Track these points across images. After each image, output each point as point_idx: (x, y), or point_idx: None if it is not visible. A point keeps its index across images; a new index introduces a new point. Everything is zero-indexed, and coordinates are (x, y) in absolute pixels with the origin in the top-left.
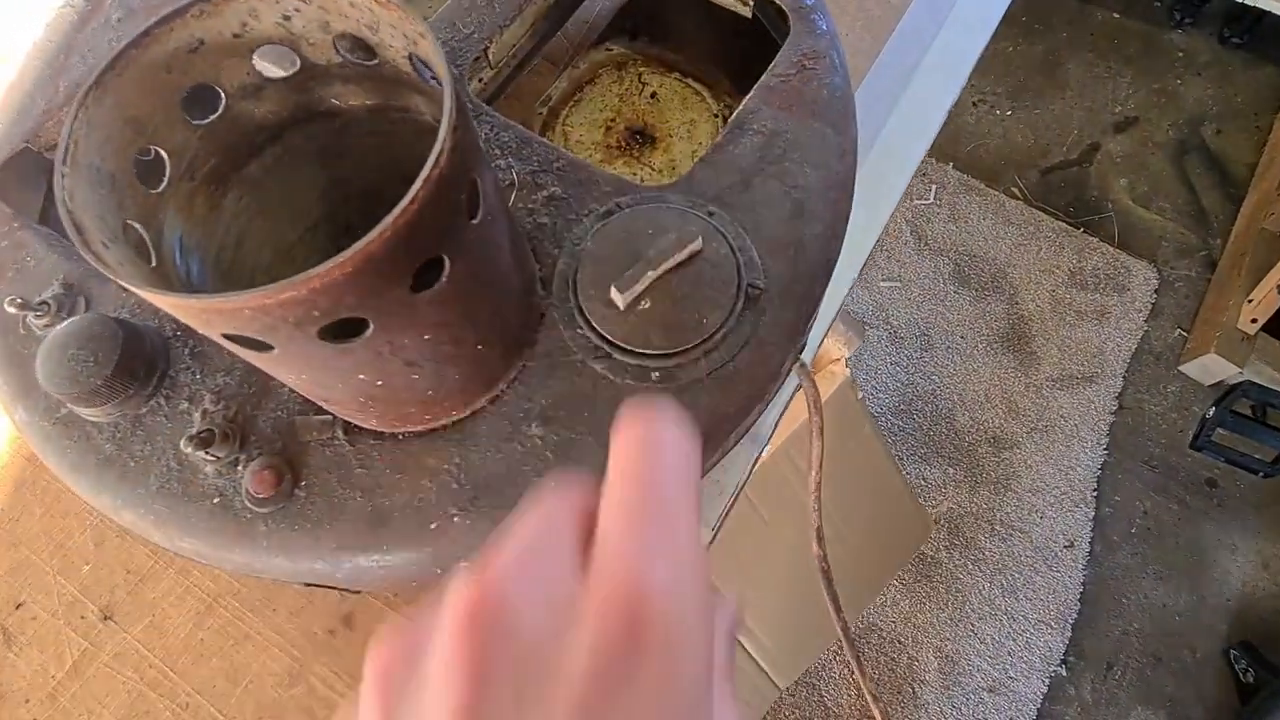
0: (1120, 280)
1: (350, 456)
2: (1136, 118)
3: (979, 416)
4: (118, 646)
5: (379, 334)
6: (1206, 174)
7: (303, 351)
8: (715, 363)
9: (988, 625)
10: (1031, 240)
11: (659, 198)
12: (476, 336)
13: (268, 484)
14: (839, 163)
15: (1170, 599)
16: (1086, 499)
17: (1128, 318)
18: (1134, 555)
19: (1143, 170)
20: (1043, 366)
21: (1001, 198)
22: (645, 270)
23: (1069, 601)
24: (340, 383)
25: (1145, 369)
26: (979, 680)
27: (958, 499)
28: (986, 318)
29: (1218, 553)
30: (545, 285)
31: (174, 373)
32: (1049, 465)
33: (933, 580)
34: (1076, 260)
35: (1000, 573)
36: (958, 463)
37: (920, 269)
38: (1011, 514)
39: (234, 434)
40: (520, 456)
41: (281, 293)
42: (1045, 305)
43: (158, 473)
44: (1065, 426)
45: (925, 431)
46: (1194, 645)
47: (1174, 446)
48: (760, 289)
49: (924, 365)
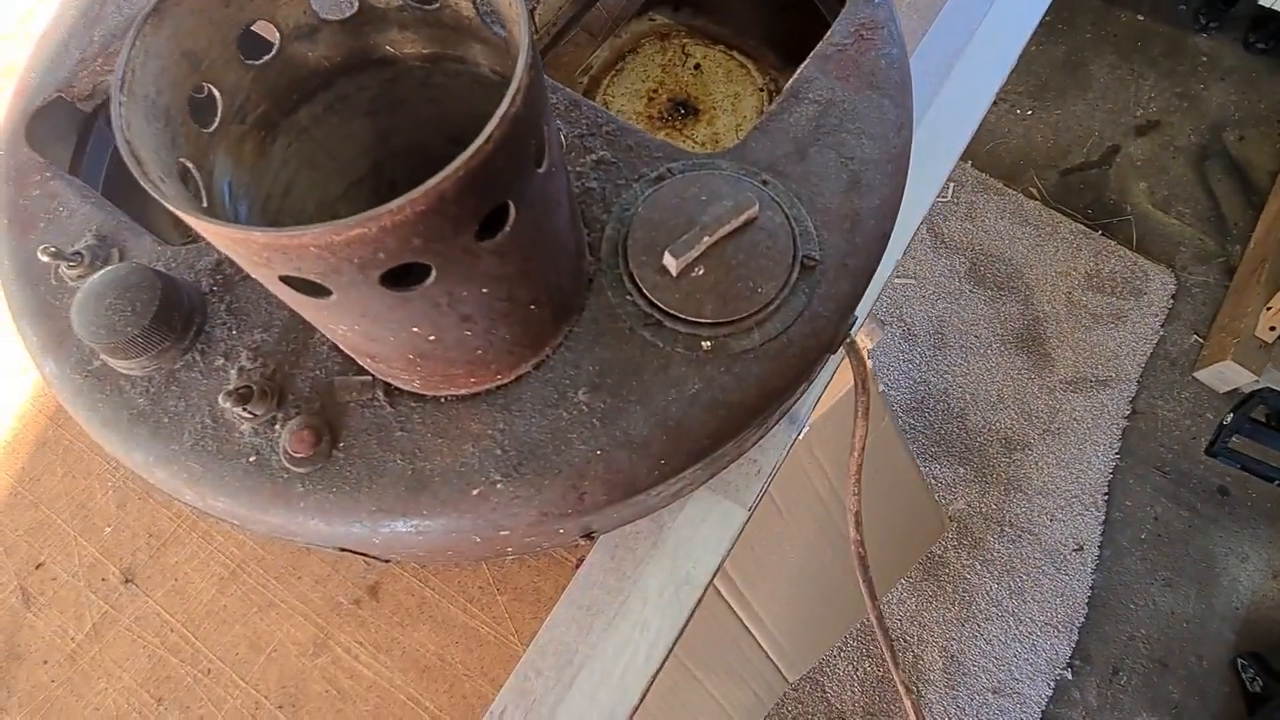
0: (1137, 284)
1: (391, 419)
2: (1158, 121)
3: (991, 417)
4: (139, 610)
5: (440, 283)
6: (1227, 180)
7: (361, 298)
8: (768, 334)
9: (994, 626)
10: (1049, 241)
11: (711, 165)
12: (531, 294)
13: (306, 443)
14: (896, 136)
15: (1179, 606)
16: (1097, 503)
17: (1144, 322)
18: (1143, 561)
19: (1163, 174)
20: (1057, 369)
21: (1020, 198)
22: (701, 236)
23: (1076, 605)
24: (393, 336)
25: (1160, 374)
26: (984, 681)
27: (968, 499)
28: (1001, 318)
29: (1227, 561)
30: (593, 251)
31: (210, 328)
32: (1060, 468)
33: (940, 579)
34: (1094, 263)
35: (1008, 574)
36: (968, 462)
37: (936, 266)
38: (1021, 515)
39: (271, 392)
40: (566, 423)
41: (350, 229)
42: (1061, 307)
43: (192, 429)
44: (1078, 429)
45: (936, 430)
46: (1201, 653)
47: (1186, 453)
48: (816, 260)
49: (937, 364)
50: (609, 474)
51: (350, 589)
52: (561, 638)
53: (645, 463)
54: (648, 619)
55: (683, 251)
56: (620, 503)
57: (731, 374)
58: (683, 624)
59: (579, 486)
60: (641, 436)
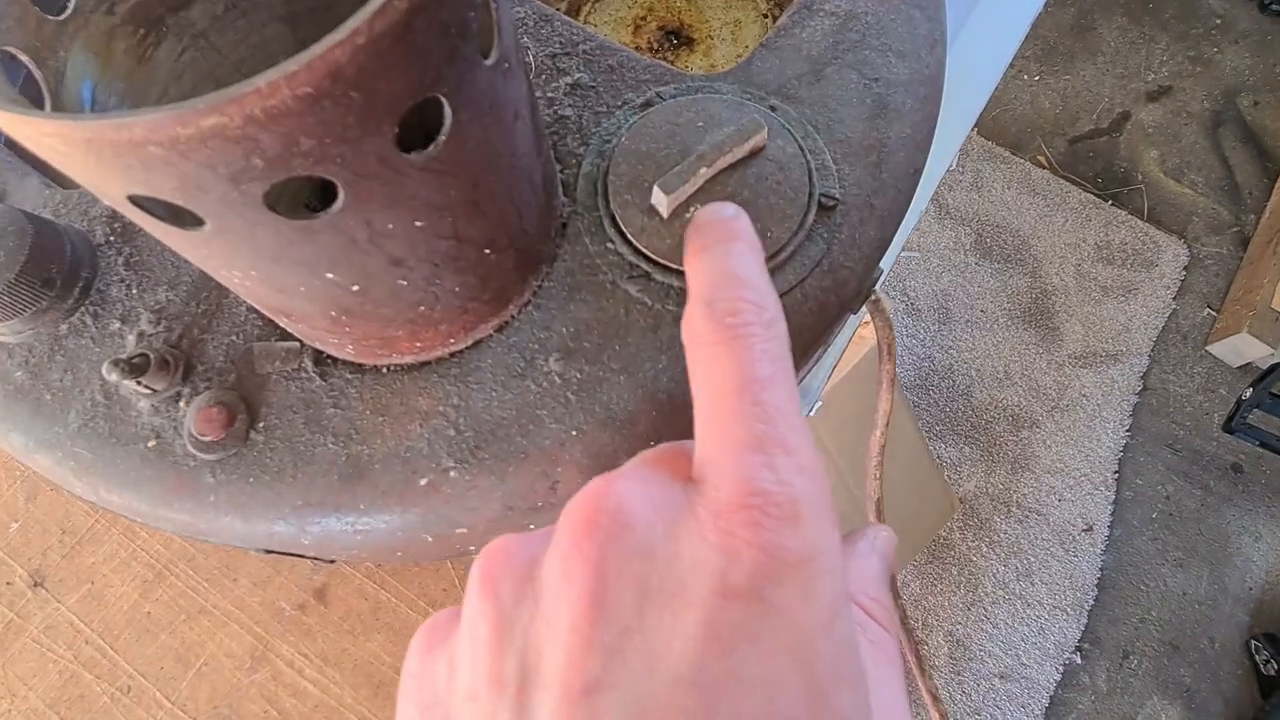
0: (1149, 256)
1: (321, 393)
2: (1170, 87)
3: (997, 394)
4: (49, 618)
5: (352, 209)
6: (1241, 147)
7: (247, 229)
8: (779, 287)
9: (1001, 610)
10: (1057, 212)
11: (709, 87)
12: (484, 234)
13: (216, 424)
14: (928, 53)
15: (1190, 587)
16: (1107, 481)
17: (1155, 295)
18: (1154, 541)
19: (1175, 142)
20: (1065, 343)
21: (1027, 166)
22: (698, 166)
23: (1085, 587)
24: (303, 285)
25: (1171, 348)
26: (991, 666)
27: (973, 478)
28: (1008, 291)
29: (1240, 540)
30: (567, 191)
31: (104, 285)
32: (1069, 446)
33: (945, 562)
34: (1104, 234)
35: (1015, 556)
36: (974, 441)
37: (940, 239)
38: (1029, 495)
39: (175, 362)
40: (535, 397)
41: (204, 117)
42: (1070, 280)
43: (80, 408)
44: (1087, 406)
45: (941, 408)
46: (1214, 635)
47: (1199, 429)
48: (836, 199)
49: (942, 339)
50: (587, 458)
51: (294, 593)
52: None
53: (631, 443)
54: None
55: (675, 185)
56: None
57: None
58: None
59: (550, 474)
60: (626, 412)
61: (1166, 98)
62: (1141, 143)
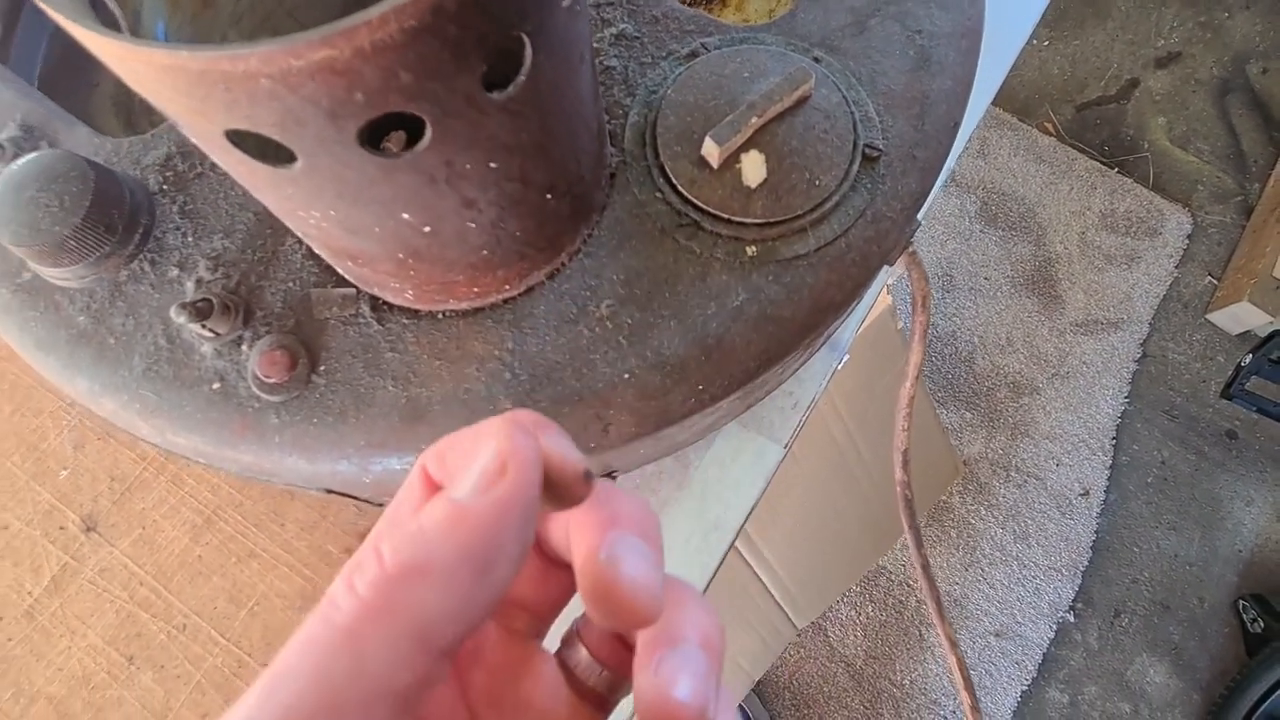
0: (1152, 224)
1: (379, 337)
2: (1179, 53)
3: (999, 360)
4: (102, 561)
5: (437, 147)
6: (1249, 115)
7: (335, 166)
8: (824, 237)
9: (998, 571)
10: (1063, 179)
11: (753, 38)
12: (548, 177)
13: (280, 366)
14: (970, 5)
15: (1182, 549)
16: (1104, 447)
17: (1158, 263)
18: (1148, 505)
19: (1182, 109)
20: (1067, 311)
21: (1034, 133)
22: (749, 116)
23: (1081, 549)
24: (378, 225)
25: (1172, 316)
26: (986, 625)
27: (974, 444)
28: (1012, 259)
29: (1232, 504)
30: (615, 141)
31: (161, 233)
32: (1068, 412)
33: (944, 524)
34: (1109, 202)
35: (1013, 519)
36: (975, 407)
37: (945, 206)
38: (1028, 460)
39: (235, 307)
40: (587, 341)
41: (316, 50)
42: (1074, 247)
43: (144, 352)
44: (1087, 373)
45: (943, 374)
46: (1203, 595)
47: (1195, 396)
48: (879, 150)
49: (945, 306)
50: (639, 401)
51: (340, 537)
52: None
53: (681, 388)
54: (673, 566)
55: (727, 136)
56: (650, 435)
57: (781, 284)
58: (713, 572)
59: (603, 416)
60: (676, 357)
61: (1175, 64)
62: (1149, 110)
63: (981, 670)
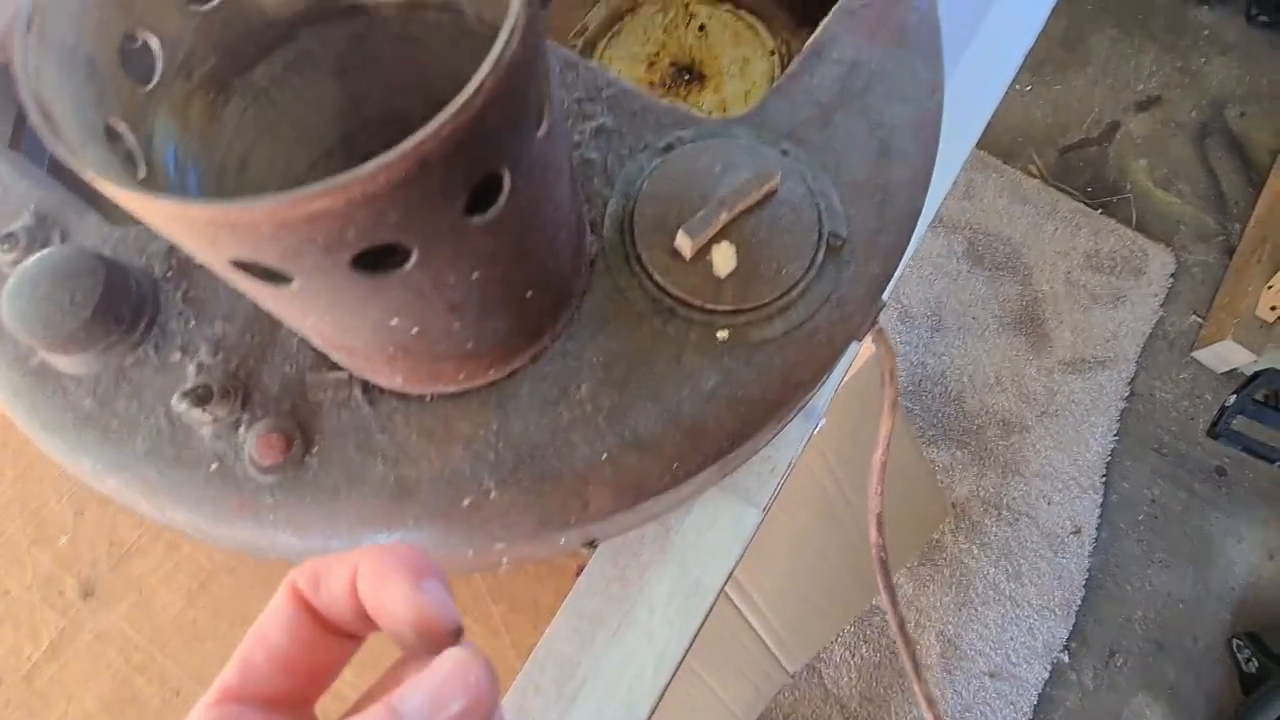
0: (1137, 264)
1: (370, 419)
2: (1159, 97)
3: (989, 399)
4: (100, 626)
5: (422, 267)
6: (1228, 157)
7: (330, 286)
8: (792, 321)
9: (991, 610)
10: (1048, 220)
11: (725, 132)
12: (529, 278)
13: (276, 448)
14: (928, 98)
15: (1175, 587)
16: (1095, 485)
17: (1143, 302)
18: (1140, 543)
19: (1163, 152)
20: (1055, 350)
21: (1019, 175)
22: (719, 211)
23: (1073, 588)
24: (369, 328)
25: (1158, 355)
26: (981, 665)
27: (965, 482)
28: (999, 298)
29: (1224, 541)
30: (594, 229)
31: (164, 319)
32: (1058, 450)
33: (937, 563)
34: (1093, 242)
35: (1005, 557)
36: (966, 445)
37: (933, 246)
38: (1019, 498)
39: (235, 391)
40: (568, 422)
41: (312, 202)
42: (1060, 287)
43: (146, 433)
44: (1076, 411)
45: (934, 413)
46: (1197, 633)
47: (1184, 434)
48: (843, 239)
49: (934, 345)
50: (616, 479)
51: None
52: (562, 650)
53: (657, 465)
54: (655, 630)
55: (699, 230)
56: (628, 509)
57: (752, 366)
58: (693, 634)
59: (583, 493)
60: (652, 436)
61: (1155, 108)
62: (1130, 152)
63: (976, 712)
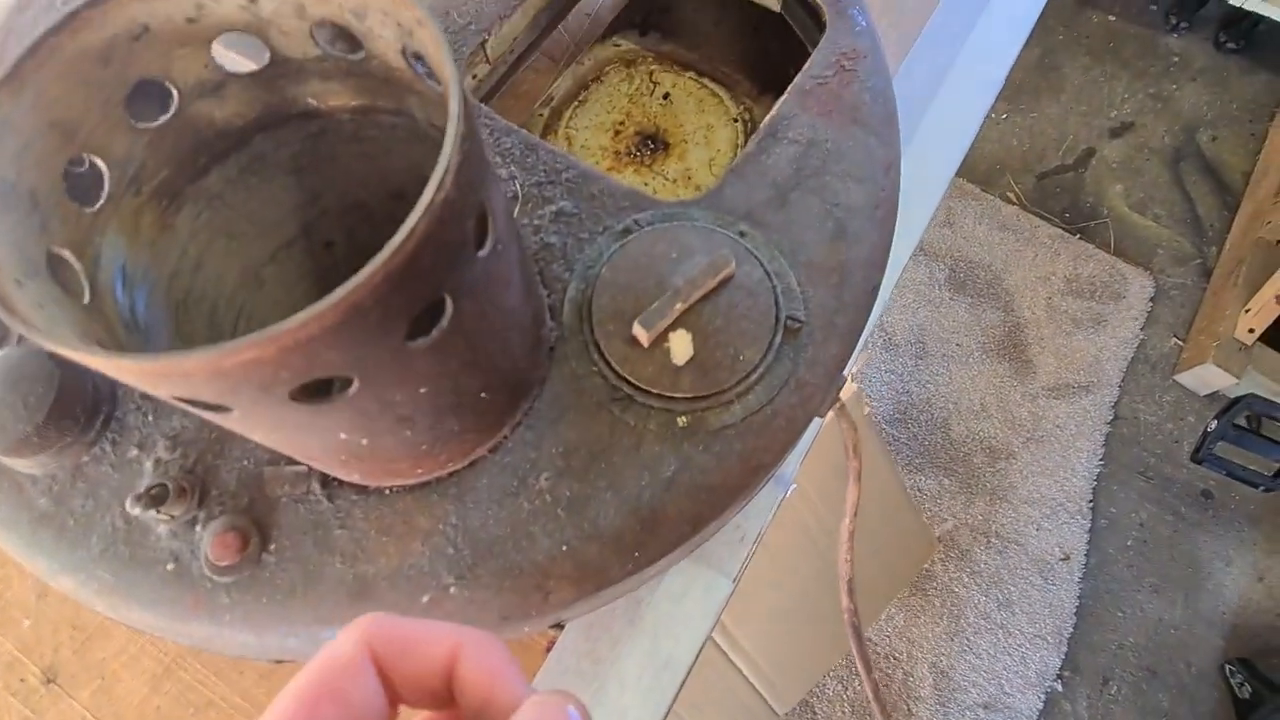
0: (1116, 288)
1: (329, 515)
2: (1132, 123)
3: (975, 426)
4: (62, 713)
5: (365, 391)
6: (1202, 181)
7: (271, 414)
8: (750, 406)
9: (983, 640)
10: (1028, 246)
11: (682, 214)
12: (481, 383)
13: (231, 548)
14: (884, 176)
15: (1166, 612)
16: (1082, 510)
17: (1124, 326)
18: (1129, 568)
19: (1138, 176)
20: (1039, 375)
21: (998, 202)
22: (673, 302)
23: (1065, 615)
24: (317, 443)
25: (1141, 378)
26: (974, 696)
27: (953, 510)
28: (982, 325)
29: (1213, 565)
30: (554, 314)
31: (122, 413)
32: (1045, 476)
33: (928, 593)
34: (1073, 267)
35: (996, 585)
36: (953, 473)
37: (915, 274)
38: (1007, 525)
39: (192, 488)
40: (527, 514)
41: (240, 353)
42: (1041, 313)
43: (101, 533)
44: (1061, 436)
45: (920, 441)
46: (1190, 659)
47: (1169, 457)
48: (801, 321)
49: (919, 373)
50: (577, 570)
51: None
52: None
53: (618, 555)
54: (626, 706)
55: (654, 321)
56: (590, 597)
57: (711, 453)
58: (665, 710)
59: (544, 586)
60: (613, 527)
61: (1129, 134)
62: (1106, 178)
63: None
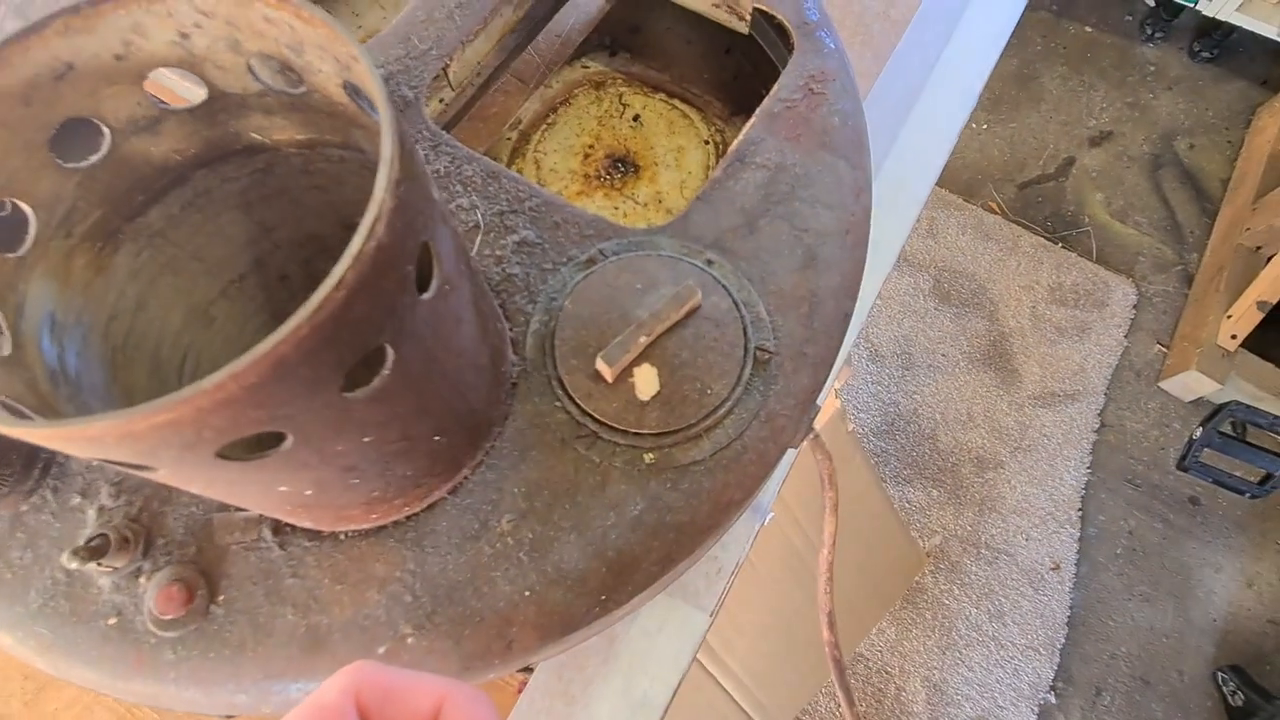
0: (1099, 296)
1: (280, 563)
2: (1111, 132)
3: (962, 436)
4: None
5: (301, 445)
6: (1181, 188)
7: (199, 473)
8: (719, 441)
9: (975, 652)
10: (1011, 256)
11: (648, 243)
12: (433, 427)
13: (176, 601)
14: (854, 202)
15: (1157, 621)
16: (1071, 519)
17: (1108, 334)
18: (1119, 576)
19: (1118, 185)
20: (1024, 384)
21: (980, 212)
22: (637, 336)
23: (1056, 625)
24: (257, 496)
25: (1126, 386)
26: (968, 710)
27: (942, 522)
28: (967, 334)
29: (1202, 572)
30: (517, 348)
31: (64, 459)
32: (1033, 485)
33: (919, 606)
34: (1056, 276)
35: (987, 597)
36: (941, 484)
37: (900, 285)
38: (997, 536)
39: (136, 537)
40: (489, 558)
41: (152, 416)
42: (1026, 322)
43: (40, 587)
44: (1048, 445)
45: (908, 453)
46: (1182, 668)
47: (1156, 464)
48: (771, 352)
49: (905, 384)
50: (541, 616)
51: None
52: None
53: (583, 599)
54: None
55: (617, 356)
56: (556, 643)
57: (679, 490)
58: None
59: (505, 634)
60: (578, 570)
61: (1108, 142)
62: (1087, 186)
63: None
